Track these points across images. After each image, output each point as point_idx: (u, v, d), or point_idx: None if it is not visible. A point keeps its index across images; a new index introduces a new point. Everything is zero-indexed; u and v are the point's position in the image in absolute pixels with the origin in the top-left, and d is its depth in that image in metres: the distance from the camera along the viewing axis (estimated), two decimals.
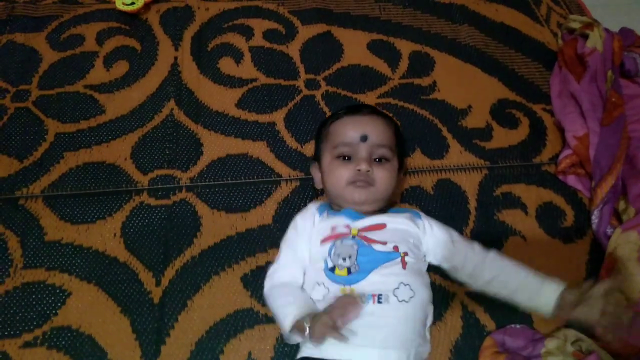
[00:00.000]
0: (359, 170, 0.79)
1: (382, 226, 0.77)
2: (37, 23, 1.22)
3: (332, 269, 0.72)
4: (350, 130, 0.82)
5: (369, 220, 0.78)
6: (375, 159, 0.81)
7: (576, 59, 1.14)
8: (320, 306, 0.70)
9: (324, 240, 0.76)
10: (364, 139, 0.80)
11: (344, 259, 0.72)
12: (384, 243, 0.74)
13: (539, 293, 0.70)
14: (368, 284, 0.70)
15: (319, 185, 0.89)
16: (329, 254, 0.74)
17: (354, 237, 0.75)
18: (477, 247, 0.78)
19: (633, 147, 0.97)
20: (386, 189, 0.81)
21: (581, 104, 1.04)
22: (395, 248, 0.74)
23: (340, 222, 0.78)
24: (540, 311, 0.70)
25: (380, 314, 0.68)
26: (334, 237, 0.75)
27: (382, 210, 0.82)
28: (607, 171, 0.94)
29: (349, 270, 0.71)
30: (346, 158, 0.81)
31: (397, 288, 0.70)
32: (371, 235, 0.75)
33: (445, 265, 0.79)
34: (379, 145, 0.81)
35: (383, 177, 0.80)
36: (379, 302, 0.68)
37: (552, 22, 1.32)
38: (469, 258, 0.76)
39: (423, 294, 0.72)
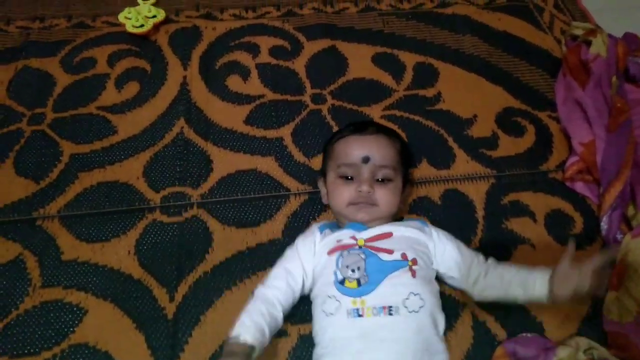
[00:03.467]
0: (360, 191, 0.80)
1: (388, 235, 0.78)
2: (51, 48, 1.26)
3: (342, 282, 0.73)
4: (353, 151, 0.83)
5: (375, 231, 0.79)
6: (377, 179, 0.82)
7: (580, 65, 1.15)
8: (332, 320, 0.71)
9: (330, 252, 0.77)
10: (365, 160, 0.81)
11: (353, 270, 0.73)
12: (391, 252, 0.75)
13: (530, 281, 0.72)
14: (378, 295, 0.70)
15: (325, 200, 0.90)
16: (337, 265, 0.75)
17: (360, 247, 0.76)
18: (481, 257, 0.80)
19: None
20: (389, 208, 0.82)
21: (586, 110, 1.05)
22: (404, 256, 0.75)
23: (345, 234, 0.79)
24: (537, 299, 0.72)
25: (392, 326, 0.69)
26: (341, 248, 0.77)
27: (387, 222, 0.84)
28: (614, 177, 0.94)
29: (358, 282, 0.72)
30: (349, 178, 0.82)
31: (407, 298, 0.70)
32: (378, 244, 0.76)
33: (450, 274, 0.79)
34: (381, 166, 0.82)
35: (385, 197, 0.81)
36: (390, 314, 0.69)
37: (555, 30, 1.33)
38: (474, 267, 0.78)
39: (432, 302, 0.73)
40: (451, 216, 0.96)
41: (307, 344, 0.80)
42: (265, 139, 1.08)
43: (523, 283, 0.72)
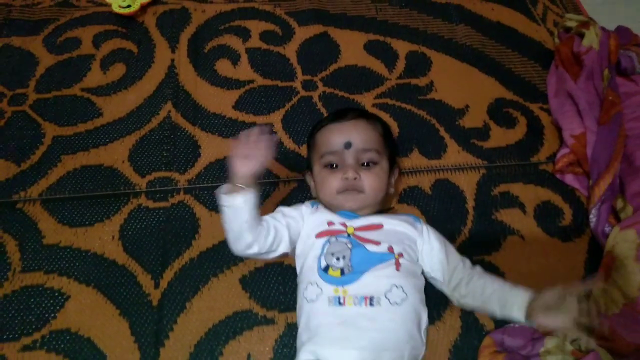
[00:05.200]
0: (346, 178, 0.78)
1: (378, 226, 0.77)
2: (33, 26, 1.22)
3: (326, 269, 0.72)
4: (334, 138, 0.82)
5: (366, 220, 0.78)
6: (362, 164, 0.81)
7: (572, 57, 1.14)
8: (313, 307, 0.70)
9: (319, 235, 0.76)
10: (347, 145, 0.80)
11: (338, 259, 0.72)
12: (378, 243, 0.74)
13: (510, 300, 0.69)
14: (361, 286, 0.70)
15: (313, 193, 0.88)
16: (322, 251, 0.74)
17: (349, 235, 0.75)
18: (467, 263, 0.78)
19: (630, 145, 0.97)
20: (376, 193, 0.80)
21: (578, 102, 1.05)
22: (390, 249, 0.74)
23: (336, 219, 0.78)
24: (513, 318, 0.69)
25: (372, 316, 0.68)
26: (329, 233, 0.75)
27: (379, 212, 0.82)
28: (604, 169, 0.94)
29: (342, 271, 0.71)
30: (334, 166, 0.81)
31: (390, 290, 0.70)
32: (366, 235, 0.75)
33: (433, 275, 0.78)
34: (364, 149, 0.81)
35: (372, 182, 0.79)
36: (371, 304, 0.68)
37: (548, 21, 1.32)
38: (457, 271, 0.76)
39: (415, 296, 0.72)
40: (441, 206, 0.96)
41: (294, 332, 0.79)
42: (254, 125, 1.06)
43: (502, 301, 0.70)
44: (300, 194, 0.95)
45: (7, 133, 1.02)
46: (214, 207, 0.93)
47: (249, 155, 0.71)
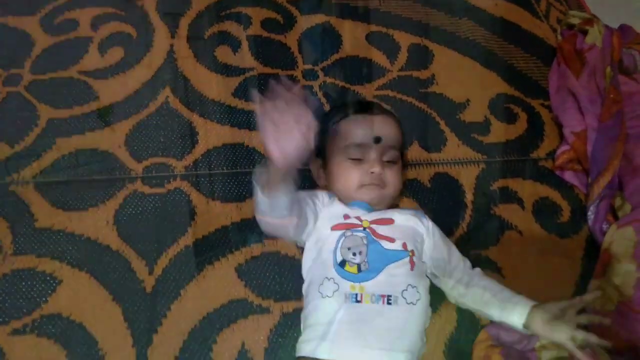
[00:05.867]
0: (372, 172, 0.78)
1: (390, 221, 0.76)
2: (30, 6, 1.19)
3: (342, 265, 0.71)
4: (363, 131, 0.80)
5: (378, 214, 0.77)
6: (385, 160, 0.80)
7: (575, 54, 1.14)
8: (329, 302, 0.69)
9: (335, 227, 0.74)
10: (377, 140, 0.79)
11: (355, 254, 0.71)
12: (393, 240, 0.73)
13: (511, 305, 0.69)
14: (378, 284, 0.69)
15: (320, 181, 0.86)
16: (338, 245, 0.72)
17: (364, 229, 0.74)
18: (467, 263, 0.78)
19: (631, 143, 0.97)
20: (395, 189, 0.81)
21: (579, 99, 1.04)
22: (404, 245, 0.73)
23: (352, 212, 0.77)
24: (511, 324, 0.68)
25: (389, 315, 0.67)
26: (346, 227, 0.74)
27: (388, 207, 0.82)
28: (604, 167, 0.94)
29: (358, 268, 0.70)
30: (357, 159, 0.80)
31: (406, 290, 0.69)
32: (380, 230, 0.74)
33: (434, 271, 0.77)
34: (390, 146, 0.80)
35: (393, 178, 0.80)
36: (389, 303, 0.67)
37: (551, 18, 1.32)
38: (457, 270, 0.76)
39: (426, 297, 0.72)
40: (440, 200, 0.95)
41: (289, 321, 0.78)
42: (253, 112, 1.05)
43: (502, 306, 0.70)
44: (298, 183, 0.93)
45: (1, 114, 1.00)
46: (211, 194, 0.92)
47: (286, 133, 0.58)
